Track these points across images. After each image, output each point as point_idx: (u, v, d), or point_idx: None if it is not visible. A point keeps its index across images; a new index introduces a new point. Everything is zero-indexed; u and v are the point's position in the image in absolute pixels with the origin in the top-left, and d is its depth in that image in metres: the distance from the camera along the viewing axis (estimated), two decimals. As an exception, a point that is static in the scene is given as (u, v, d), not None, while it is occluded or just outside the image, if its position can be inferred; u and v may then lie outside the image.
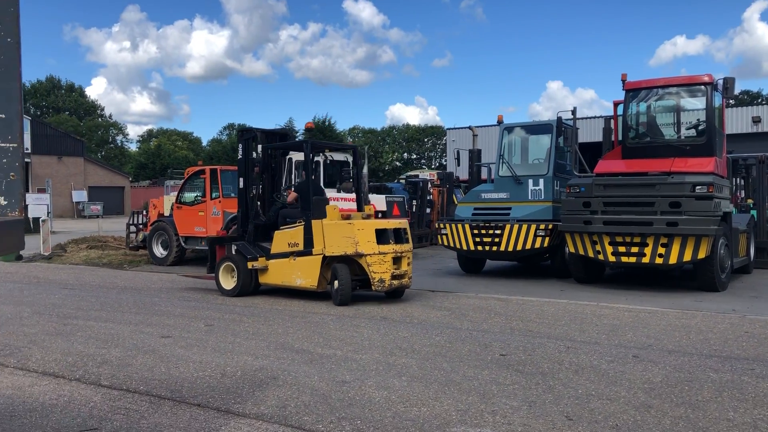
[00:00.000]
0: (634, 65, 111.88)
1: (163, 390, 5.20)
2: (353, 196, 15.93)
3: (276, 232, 10.04)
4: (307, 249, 9.48)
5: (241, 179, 10.48)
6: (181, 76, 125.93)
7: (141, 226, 17.27)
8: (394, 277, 9.22)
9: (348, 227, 9.13)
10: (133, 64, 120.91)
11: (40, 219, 19.33)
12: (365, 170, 16.49)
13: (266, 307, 9.15)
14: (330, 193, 16.25)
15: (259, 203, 10.76)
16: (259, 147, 10.89)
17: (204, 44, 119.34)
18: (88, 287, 11.47)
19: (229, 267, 10.21)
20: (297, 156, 17.36)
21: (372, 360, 6.05)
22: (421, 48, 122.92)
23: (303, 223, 9.60)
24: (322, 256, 9.34)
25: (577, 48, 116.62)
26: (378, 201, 15.65)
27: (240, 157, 10.53)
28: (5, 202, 2.52)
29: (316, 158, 17.07)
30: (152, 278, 12.94)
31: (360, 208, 10.43)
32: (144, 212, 18.19)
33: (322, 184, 17.02)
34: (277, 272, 9.85)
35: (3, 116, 2.52)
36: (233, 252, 10.25)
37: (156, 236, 15.48)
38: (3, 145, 2.52)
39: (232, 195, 15.18)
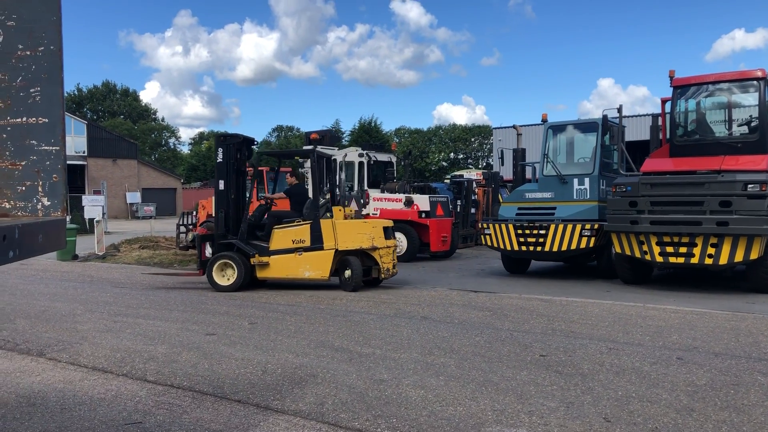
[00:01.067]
0: (689, 61, 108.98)
1: (205, 386, 5.34)
2: (398, 196, 16.05)
3: (275, 230, 10.93)
4: (317, 245, 10.65)
5: (222, 181, 11.07)
6: (231, 79, 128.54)
7: (191, 227, 17.69)
8: (393, 266, 10.97)
9: (364, 225, 10.80)
10: (185, 68, 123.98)
11: (95, 220, 19.99)
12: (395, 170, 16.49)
13: (309, 305, 9.27)
14: (374, 192, 16.39)
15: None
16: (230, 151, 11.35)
17: (253, 47, 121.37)
18: (139, 286, 11.82)
19: (223, 264, 10.96)
20: (347, 157, 17.49)
21: (410, 359, 6.08)
22: (468, 47, 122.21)
23: (303, 222, 10.76)
24: (334, 250, 10.57)
25: (628, 43, 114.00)
26: (421, 201, 15.66)
27: (221, 160, 11.09)
28: (48, 203, 2.64)
29: (360, 160, 17.24)
30: (201, 278, 13.23)
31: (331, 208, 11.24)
32: (194, 213, 18.63)
33: (366, 184, 17.17)
34: (281, 266, 10.85)
35: (46, 120, 2.65)
36: (230, 249, 10.99)
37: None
38: (47, 148, 2.65)
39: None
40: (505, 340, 6.89)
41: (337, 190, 14.69)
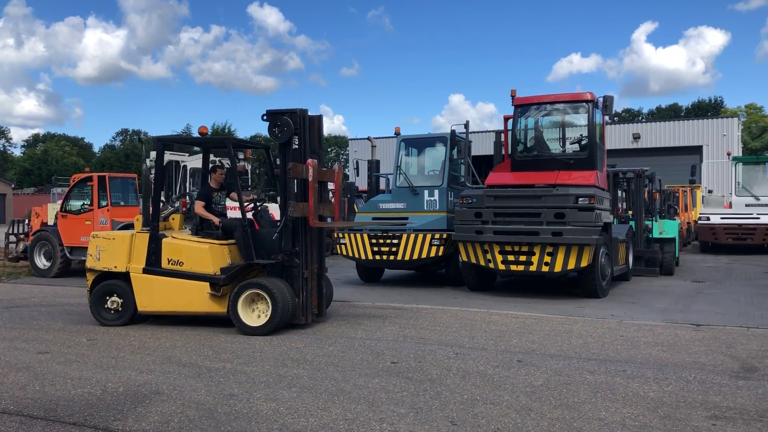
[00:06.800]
0: (532, 81, 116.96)
1: (35, 409, 4.91)
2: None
3: None
4: None
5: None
6: (72, 77, 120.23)
7: (22, 236, 16.25)
8: None
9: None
10: (18, 62, 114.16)
11: None
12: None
13: (155, 320, 8.83)
14: (227, 201, 15.95)
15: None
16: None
17: (98, 44, 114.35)
18: (-41, 302, 10.65)
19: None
20: (192, 164, 16.96)
21: (262, 372, 5.98)
22: (328, 56, 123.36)
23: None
24: None
25: (478, 62, 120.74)
26: (276, 210, 15.46)
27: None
28: None
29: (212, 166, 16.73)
30: (33, 291, 12.19)
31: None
32: (26, 221, 17.13)
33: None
34: None
35: None
36: None
37: (38, 246, 14.60)
38: None
39: (121, 203, 14.60)
40: (358, 348, 6.97)
41: (187, 198, 14.21)
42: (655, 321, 8.62)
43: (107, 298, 8.51)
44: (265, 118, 8.32)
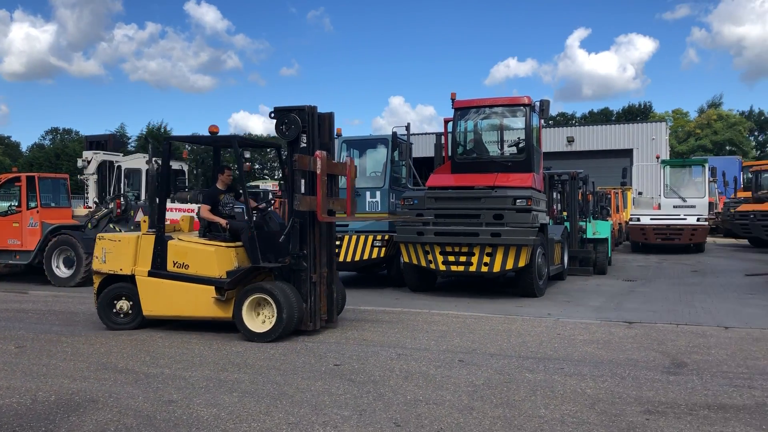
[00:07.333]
0: (470, 84, 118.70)
1: (-41, 422, 4.67)
2: (190, 206, 15.43)
3: None
4: None
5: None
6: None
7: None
8: None
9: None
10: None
11: None
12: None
13: (88, 325, 8.54)
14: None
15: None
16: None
17: (25, 39, 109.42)
18: None
19: None
20: (127, 164, 16.50)
21: (202, 377, 5.86)
22: (267, 56, 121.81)
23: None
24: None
25: (417, 65, 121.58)
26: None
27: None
28: None
29: (148, 167, 16.32)
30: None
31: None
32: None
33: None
34: None
35: None
36: None
37: (-40, 250, 13.89)
38: None
39: (52, 205, 14.07)
40: (300, 351, 6.91)
41: (122, 199, 13.86)
42: (590, 319, 8.88)
43: (115, 302, 8.28)
44: (272, 115, 7.95)
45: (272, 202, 10.37)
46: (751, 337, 7.58)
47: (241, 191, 8.56)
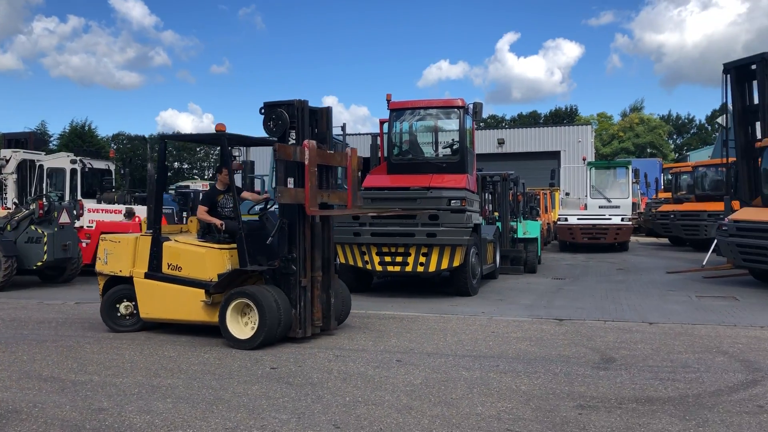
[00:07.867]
0: (403, 85, 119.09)
1: None
2: (117, 207, 14.95)
3: None
4: None
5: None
6: None
7: None
8: None
9: None
10: None
11: None
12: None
13: (10, 332, 8.13)
14: (89, 203, 15.05)
15: None
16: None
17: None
18: None
19: None
20: (50, 163, 15.85)
21: (134, 383, 5.67)
22: (197, 53, 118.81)
23: None
24: None
25: (350, 65, 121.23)
26: (143, 212, 14.78)
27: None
28: None
29: (72, 167, 15.73)
30: None
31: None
32: None
33: (79, 194, 15.72)
34: None
35: None
36: None
37: None
38: None
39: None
40: (236, 355, 6.79)
41: (44, 199, 13.31)
42: (522, 317, 9.09)
43: (117, 304, 8.07)
44: (262, 111, 7.61)
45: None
46: (674, 332, 7.94)
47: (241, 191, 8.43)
